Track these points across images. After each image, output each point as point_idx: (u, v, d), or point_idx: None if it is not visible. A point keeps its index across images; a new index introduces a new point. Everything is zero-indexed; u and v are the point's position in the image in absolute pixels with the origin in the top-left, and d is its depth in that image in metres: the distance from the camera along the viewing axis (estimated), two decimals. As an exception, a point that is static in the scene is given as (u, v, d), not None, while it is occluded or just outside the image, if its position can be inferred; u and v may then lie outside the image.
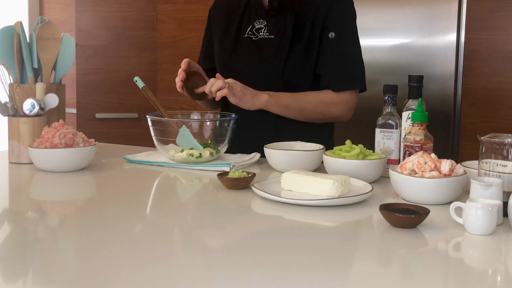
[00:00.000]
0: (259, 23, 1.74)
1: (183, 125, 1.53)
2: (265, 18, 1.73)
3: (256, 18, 1.75)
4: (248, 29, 1.75)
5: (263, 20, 1.73)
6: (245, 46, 1.75)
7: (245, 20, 1.77)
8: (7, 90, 1.66)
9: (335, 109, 1.71)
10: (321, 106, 1.70)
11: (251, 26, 1.75)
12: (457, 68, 2.67)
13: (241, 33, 1.76)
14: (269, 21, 1.72)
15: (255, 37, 1.73)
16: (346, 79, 1.70)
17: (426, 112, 1.33)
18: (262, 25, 1.73)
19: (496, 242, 0.96)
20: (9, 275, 0.80)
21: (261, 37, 1.73)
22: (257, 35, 1.73)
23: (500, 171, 1.08)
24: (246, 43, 1.75)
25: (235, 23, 1.78)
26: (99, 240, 0.95)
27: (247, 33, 1.75)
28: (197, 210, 1.21)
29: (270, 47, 1.70)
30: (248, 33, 1.75)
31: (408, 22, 2.73)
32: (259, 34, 1.73)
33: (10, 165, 1.56)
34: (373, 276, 0.81)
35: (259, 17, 1.74)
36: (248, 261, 0.86)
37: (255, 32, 1.74)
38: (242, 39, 1.75)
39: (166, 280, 0.78)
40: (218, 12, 1.85)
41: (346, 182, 1.21)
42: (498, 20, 2.59)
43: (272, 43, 1.69)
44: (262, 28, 1.73)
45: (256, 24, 1.74)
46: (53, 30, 1.70)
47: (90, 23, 3.52)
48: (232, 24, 1.78)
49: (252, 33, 1.74)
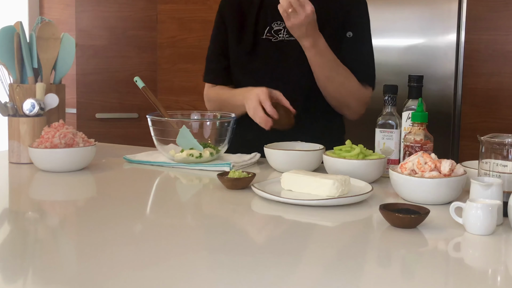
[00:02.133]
0: (277, 24, 1.73)
1: (183, 125, 1.53)
2: (283, 20, 1.69)
3: (273, 19, 1.73)
4: (266, 30, 1.74)
5: (282, 22, 1.72)
6: (264, 47, 1.73)
7: (261, 20, 1.75)
8: (7, 90, 1.66)
9: (354, 99, 1.72)
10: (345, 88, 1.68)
11: (268, 28, 1.73)
12: (457, 68, 2.67)
13: (259, 34, 1.74)
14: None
15: (274, 39, 1.72)
16: (367, 76, 1.74)
17: (426, 112, 1.33)
18: (280, 26, 1.72)
19: (496, 242, 0.96)
20: (9, 275, 0.80)
21: (281, 39, 1.71)
22: (276, 36, 1.72)
23: (500, 171, 1.08)
24: (265, 45, 1.73)
25: (251, 23, 1.75)
26: (99, 240, 0.95)
27: (265, 34, 1.73)
28: (197, 210, 1.21)
29: (292, 49, 1.68)
30: (267, 35, 1.73)
31: (408, 22, 2.73)
32: (279, 36, 1.71)
33: (10, 165, 1.56)
34: (373, 276, 0.81)
35: (276, 18, 1.72)
36: (248, 261, 0.86)
37: (273, 33, 1.72)
38: (260, 40, 1.73)
39: (166, 280, 0.78)
40: (230, 10, 1.81)
41: (346, 182, 1.21)
42: (498, 20, 2.59)
43: (295, 45, 1.67)
44: (281, 30, 1.72)
45: (274, 25, 1.73)
46: (53, 30, 1.70)
47: (90, 23, 3.52)
48: (248, 24, 1.76)
49: (270, 34, 1.73)
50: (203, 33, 3.21)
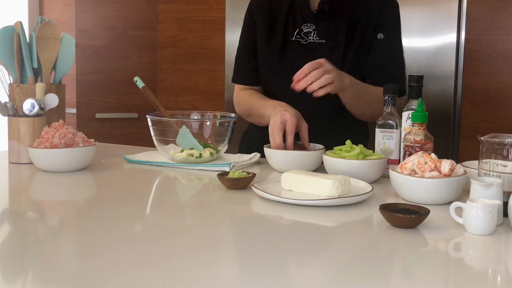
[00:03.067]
0: (307, 27, 1.71)
1: (183, 125, 1.53)
2: (313, 22, 1.71)
3: (303, 21, 1.72)
4: (296, 33, 1.72)
5: (311, 24, 1.71)
6: (293, 49, 1.72)
7: (290, 22, 1.74)
8: (7, 90, 1.66)
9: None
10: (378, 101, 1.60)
11: (298, 30, 1.72)
12: (457, 68, 2.66)
13: (288, 35, 1.73)
14: (318, 25, 1.70)
15: (304, 41, 1.71)
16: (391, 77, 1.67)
17: (426, 112, 1.33)
18: (310, 29, 1.71)
19: (496, 242, 0.96)
20: (9, 275, 0.80)
21: (310, 41, 1.70)
22: (306, 39, 1.70)
23: (500, 171, 1.08)
24: (295, 47, 1.72)
25: (280, 25, 1.74)
26: (99, 240, 0.95)
27: (294, 36, 1.72)
28: (197, 210, 1.21)
29: (322, 51, 1.66)
30: (296, 37, 1.72)
31: (408, 22, 2.73)
32: (308, 38, 1.70)
33: (10, 165, 1.56)
34: (373, 276, 0.81)
35: (307, 21, 1.71)
36: (248, 261, 0.86)
37: (303, 36, 1.71)
38: (289, 42, 1.72)
39: (166, 280, 0.78)
40: (260, 12, 1.80)
41: (346, 182, 1.21)
42: (498, 20, 2.59)
43: (324, 47, 1.66)
44: (311, 32, 1.70)
45: (304, 28, 1.71)
46: (53, 30, 1.70)
47: (90, 23, 3.52)
48: (277, 26, 1.75)
49: (300, 36, 1.72)
50: (203, 33, 3.21)
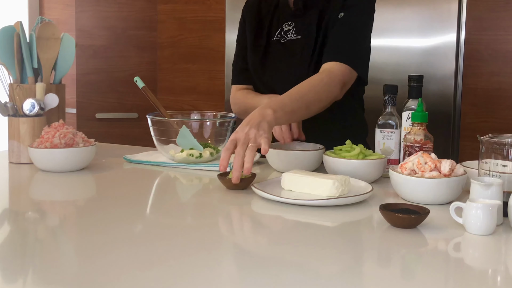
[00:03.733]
0: (288, 25, 1.73)
1: (183, 125, 1.53)
2: (292, 20, 1.73)
3: (285, 20, 1.75)
4: (277, 32, 1.75)
5: (291, 22, 1.73)
6: (274, 49, 1.74)
7: (274, 22, 1.76)
8: (7, 90, 1.66)
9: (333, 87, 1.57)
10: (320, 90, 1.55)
11: (280, 29, 1.75)
12: (457, 68, 2.66)
13: (271, 36, 1.76)
14: (297, 22, 1.72)
15: (283, 39, 1.73)
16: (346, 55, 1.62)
17: (426, 112, 1.33)
18: (290, 27, 1.73)
19: (496, 242, 0.96)
20: (9, 275, 0.80)
21: (289, 38, 1.72)
22: (285, 37, 1.73)
23: (500, 171, 1.08)
24: (276, 46, 1.74)
25: (265, 26, 1.77)
26: (99, 240, 0.95)
27: (276, 36, 1.75)
28: (197, 210, 1.21)
29: (296, 47, 1.69)
30: (277, 36, 1.74)
31: (408, 22, 2.73)
32: (287, 36, 1.72)
33: (10, 165, 1.56)
34: (373, 276, 0.81)
35: (287, 19, 1.74)
36: (248, 261, 0.86)
37: (283, 34, 1.73)
38: (272, 42, 1.75)
39: (166, 280, 0.78)
40: (250, 14, 1.82)
41: (346, 182, 1.21)
42: (498, 20, 2.59)
43: (298, 42, 1.69)
44: (290, 30, 1.73)
45: (285, 26, 1.74)
46: (53, 30, 1.70)
47: (90, 23, 3.52)
48: (263, 27, 1.78)
49: (280, 35, 1.74)
50: (203, 33, 3.21)
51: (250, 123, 1.36)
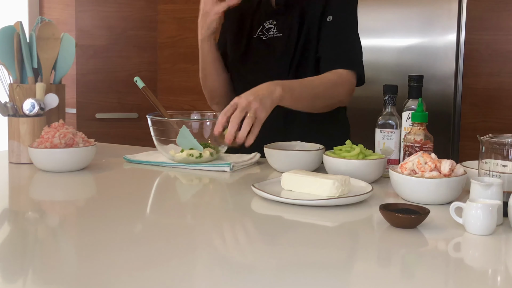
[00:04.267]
0: (269, 23, 1.75)
1: (183, 125, 1.53)
2: (274, 18, 1.75)
3: (266, 18, 1.77)
4: (259, 30, 1.77)
5: (273, 20, 1.75)
6: (255, 46, 1.76)
7: (255, 21, 1.79)
8: (7, 90, 1.66)
9: (340, 91, 1.65)
10: (331, 89, 1.62)
11: (261, 27, 1.77)
12: (457, 68, 2.67)
13: (252, 33, 1.78)
14: (278, 20, 1.74)
15: (265, 36, 1.75)
16: (348, 58, 1.68)
17: (426, 112, 1.33)
18: (271, 24, 1.75)
19: (496, 242, 0.96)
20: (9, 275, 0.80)
21: (270, 36, 1.74)
22: (266, 34, 1.75)
23: (500, 171, 1.08)
24: (257, 43, 1.76)
25: (247, 24, 1.79)
26: (99, 240, 0.95)
27: (257, 33, 1.77)
28: (197, 210, 1.21)
29: (278, 44, 1.71)
30: (259, 33, 1.76)
31: (408, 22, 2.73)
32: (269, 34, 1.74)
33: (10, 165, 1.56)
34: (373, 276, 0.81)
35: (269, 17, 1.76)
36: (248, 261, 0.86)
37: (265, 32, 1.76)
38: (253, 40, 1.77)
39: (166, 280, 0.78)
40: (231, 13, 1.82)
41: (346, 182, 1.21)
42: (498, 20, 2.59)
43: (281, 40, 1.71)
44: (271, 28, 1.75)
45: (266, 24, 1.76)
46: (53, 30, 1.70)
47: (90, 23, 3.52)
48: (244, 26, 1.80)
49: (262, 33, 1.76)
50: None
51: (256, 94, 1.38)
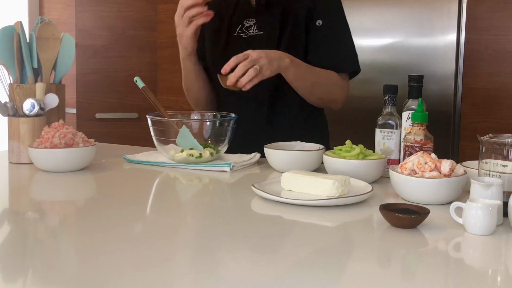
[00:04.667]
0: (249, 21, 1.77)
1: (183, 125, 1.53)
2: (254, 17, 1.77)
3: (246, 17, 1.78)
4: (238, 28, 1.79)
5: (252, 19, 1.77)
6: (235, 44, 1.77)
7: (234, 19, 1.80)
8: (7, 90, 1.66)
9: (338, 91, 1.74)
10: (330, 86, 1.71)
11: (241, 25, 1.79)
12: (457, 68, 2.66)
13: (232, 32, 1.79)
14: (258, 19, 1.76)
15: (245, 35, 1.77)
16: (346, 61, 1.74)
17: (426, 112, 1.33)
18: (251, 23, 1.77)
19: (496, 242, 0.96)
20: (9, 275, 0.80)
21: (250, 34, 1.76)
22: (247, 32, 1.77)
23: (500, 171, 1.08)
24: (237, 41, 1.77)
25: (225, 23, 1.81)
26: (99, 240, 0.95)
27: (237, 31, 1.78)
28: (197, 210, 1.21)
29: (259, 42, 1.72)
30: (238, 32, 1.78)
31: (408, 22, 2.73)
32: (249, 32, 1.76)
33: (10, 165, 1.56)
34: (373, 276, 0.81)
35: (248, 16, 1.78)
36: (248, 261, 0.86)
37: (244, 30, 1.77)
38: (232, 38, 1.79)
39: (166, 280, 0.78)
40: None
41: (346, 182, 1.21)
42: (498, 20, 2.59)
43: (261, 38, 1.72)
44: (251, 26, 1.76)
45: (246, 22, 1.78)
46: (53, 30, 1.70)
47: (90, 23, 3.52)
48: (223, 25, 1.82)
49: (242, 31, 1.78)
50: (203, 33, 3.20)
51: (267, 54, 1.53)
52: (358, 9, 2.74)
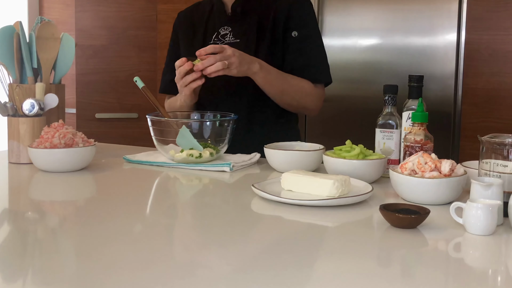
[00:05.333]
0: (224, 29, 1.78)
1: (183, 125, 1.53)
2: (229, 25, 1.78)
3: (221, 25, 1.79)
4: (214, 36, 1.79)
5: (228, 27, 1.78)
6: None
7: (210, 27, 1.81)
8: (6, 90, 1.66)
9: (310, 100, 1.77)
10: (300, 94, 1.74)
11: (216, 33, 1.79)
12: (457, 68, 2.67)
13: (207, 40, 1.80)
14: (234, 27, 1.77)
15: (221, 42, 1.77)
16: (319, 72, 1.77)
17: (426, 112, 1.33)
18: (227, 31, 1.78)
19: (496, 242, 0.96)
20: (9, 275, 0.80)
21: (227, 41, 1.76)
22: (223, 40, 1.77)
23: (501, 171, 1.08)
24: None
25: (200, 31, 1.82)
26: (99, 240, 0.95)
27: (212, 39, 1.79)
28: (197, 210, 1.21)
29: None
30: (214, 40, 1.79)
31: (408, 22, 2.73)
32: (225, 40, 1.77)
33: (10, 165, 1.56)
34: (373, 276, 0.81)
35: (224, 24, 1.79)
36: (248, 261, 0.86)
37: (220, 38, 1.78)
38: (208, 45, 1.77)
39: (166, 280, 0.78)
40: (182, 25, 1.89)
41: (346, 182, 1.21)
42: (498, 20, 2.59)
43: (238, 46, 1.71)
44: (227, 34, 1.77)
45: (221, 30, 1.79)
46: (53, 30, 1.70)
47: (90, 23, 3.52)
48: (198, 33, 1.82)
49: (217, 39, 1.79)
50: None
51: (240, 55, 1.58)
52: (358, 9, 2.74)
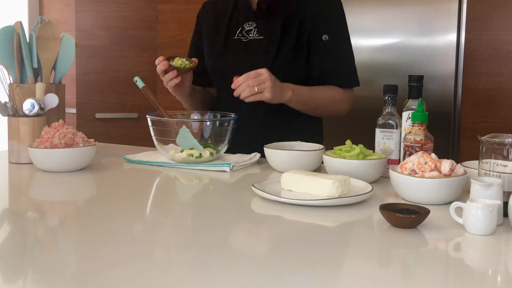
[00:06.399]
0: (249, 25, 1.77)
1: (183, 125, 1.53)
2: (254, 20, 1.76)
3: (246, 20, 1.77)
4: (238, 31, 1.78)
5: (253, 22, 1.77)
6: (235, 47, 1.76)
7: (234, 22, 1.79)
8: (7, 90, 1.66)
9: (342, 106, 1.78)
10: (333, 104, 1.75)
11: (240, 28, 1.78)
12: (457, 68, 2.66)
13: (231, 35, 1.78)
14: (259, 23, 1.75)
15: (245, 38, 1.76)
16: (350, 77, 1.76)
17: (426, 112, 1.33)
18: (251, 27, 1.76)
19: (496, 242, 0.96)
20: (9, 275, 0.80)
21: (251, 38, 1.75)
22: (247, 36, 1.76)
23: (500, 171, 1.08)
24: (236, 45, 1.76)
25: (224, 25, 1.80)
26: (99, 240, 0.95)
27: (237, 35, 1.77)
28: (197, 210, 1.21)
29: (259, 47, 1.72)
30: (238, 35, 1.77)
31: (408, 22, 2.73)
32: (249, 36, 1.75)
33: (10, 165, 1.56)
34: (373, 276, 0.81)
35: (248, 20, 1.77)
36: (248, 261, 0.86)
37: (245, 34, 1.77)
38: (231, 41, 1.77)
39: (166, 280, 0.78)
40: (206, 16, 1.87)
41: (346, 182, 1.21)
42: (498, 20, 2.59)
43: (261, 43, 1.71)
44: (252, 30, 1.76)
45: (246, 26, 1.77)
46: (53, 30, 1.70)
47: (90, 23, 3.52)
48: (221, 27, 1.81)
49: (242, 35, 1.77)
50: (203, 33, 3.20)
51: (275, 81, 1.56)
52: (358, 9, 2.73)
